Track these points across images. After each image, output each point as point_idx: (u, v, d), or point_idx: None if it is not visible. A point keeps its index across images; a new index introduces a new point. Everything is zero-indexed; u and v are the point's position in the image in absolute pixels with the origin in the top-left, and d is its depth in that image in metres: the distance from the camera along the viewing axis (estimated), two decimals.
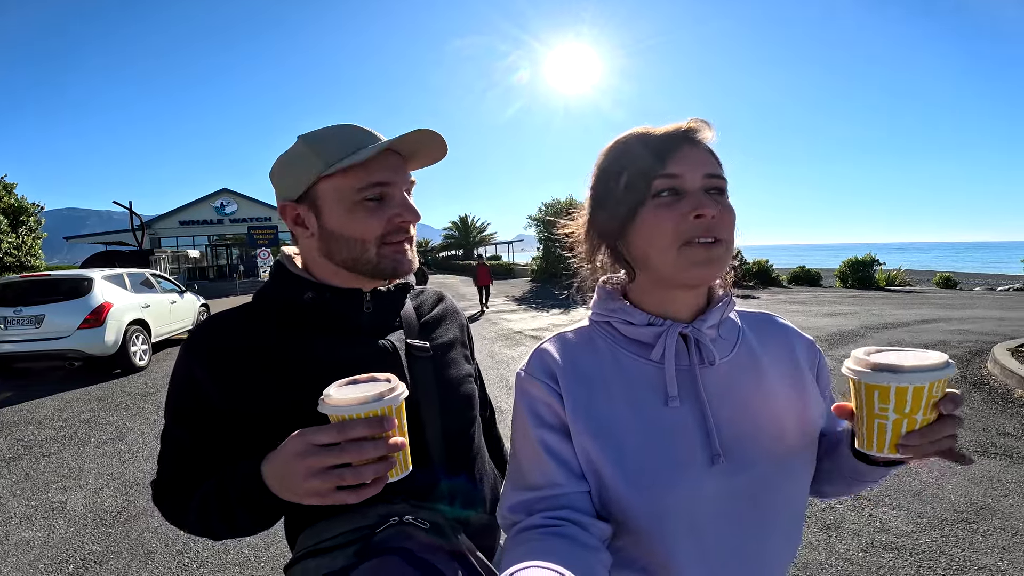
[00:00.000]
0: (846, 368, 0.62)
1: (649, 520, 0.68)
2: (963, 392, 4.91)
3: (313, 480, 0.63)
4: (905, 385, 0.56)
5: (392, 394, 0.63)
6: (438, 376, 0.92)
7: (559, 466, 0.71)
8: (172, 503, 0.83)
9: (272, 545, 2.88)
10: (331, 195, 0.81)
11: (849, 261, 19.30)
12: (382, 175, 0.81)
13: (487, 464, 1.00)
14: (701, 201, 0.68)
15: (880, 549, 2.64)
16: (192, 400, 0.81)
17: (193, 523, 0.80)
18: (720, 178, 0.71)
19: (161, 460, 0.85)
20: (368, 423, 0.61)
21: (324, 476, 0.62)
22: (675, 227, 0.68)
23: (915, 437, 0.58)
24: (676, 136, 0.71)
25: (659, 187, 0.70)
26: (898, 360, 0.58)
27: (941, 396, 0.59)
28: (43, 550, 2.95)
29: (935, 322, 9.27)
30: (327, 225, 0.83)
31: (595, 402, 0.73)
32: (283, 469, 0.66)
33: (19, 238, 18.78)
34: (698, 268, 0.68)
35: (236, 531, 0.78)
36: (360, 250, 0.82)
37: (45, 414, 5.57)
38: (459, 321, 1.05)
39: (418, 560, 0.66)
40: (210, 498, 0.77)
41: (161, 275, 9.52)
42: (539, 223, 22.56)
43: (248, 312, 0.86)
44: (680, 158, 0.70)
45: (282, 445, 0.67)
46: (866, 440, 0.61)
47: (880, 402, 0.58)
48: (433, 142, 0.84)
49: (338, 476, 0.62)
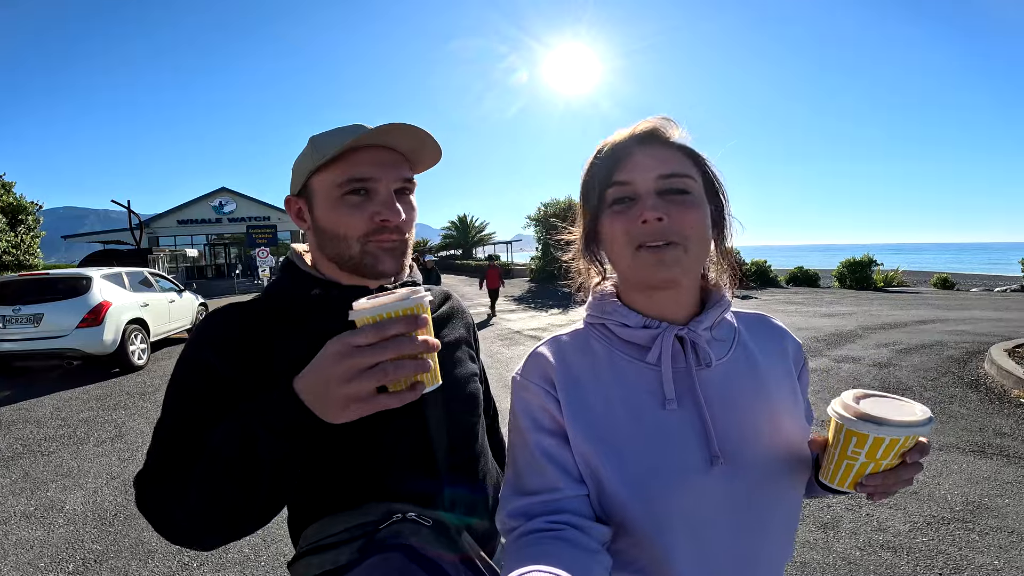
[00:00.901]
0: (832, 410, 0.67)
1: (648, 523, 0.68)
2: (960, 393, 4.95)
3: (354, 383, 0.61)
4: (883, 436, 0.61)
5: (417, 295, 0.64)
6: (443, 374, 0.92)
7: (557, 471, 0.71)
8: (166, 486, 0.71)
9: (272, 544, 2.89)
10: (319, 189, 0.83)
11: (847, 262, 19.34)
12: (364, 170, 0.80)
13: (490, 463, 1.01)
14: (644, 206, 0.69)
15: (877, 548, 2.65)
16: (203, 380, 0.77)
17: (193, 505, 0.68)
18: (680, 177, 0.70)
19: (154, 446, 0.76)
20: (404, 320, 0.61)
21: (365, 376, 0.60)
22: (626, 233, 0.70)
23: (876, 479, 0.64)
24: (628, 142, 0.73)
25: (612, 196, 0.72)
26: (883, 413, 0.62)
27: (912, 447, 0.63)
28: (43, 549, 2.95)
29: (932, 323, 9.30)
30: (317, 219, 0.84)
31: (592, 406, 0.73)
32: (321, 375, 0.63)
33: (17, 237, 18.73)
34: (652, 270, 0.69)
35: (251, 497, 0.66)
36: (344, 246, 0.82)
37: (44, 413, 5.56)
38: (465, 321, 1.05)
39: (421, 557, 0.66)
40: (223, 448, 0.66)
41: (160, 274, 9.50)
42: (538, 223, 22.54)
43: (257, 307, 0.86)
44: (631, 164, 0.71)
45: (318, 355, 0.64)
46: (831, 474, 0.67)
47: (856, 446, 0.63)
48: (426, 138, 0.82)
49: (380, 372, 0.60)
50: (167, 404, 0.79)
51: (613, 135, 0.76)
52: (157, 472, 0.73)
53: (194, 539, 0.70)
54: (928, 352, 6.79)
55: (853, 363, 6.39)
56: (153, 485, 0.73)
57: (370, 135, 0.78)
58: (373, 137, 0.79)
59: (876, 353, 6.87)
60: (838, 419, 0.65)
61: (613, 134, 0.76)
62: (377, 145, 0.82)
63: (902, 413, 0.62)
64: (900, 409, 0.63)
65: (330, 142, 0.81)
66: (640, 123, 0.73)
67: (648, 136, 0.72)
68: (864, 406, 0.63)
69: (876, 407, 0.63)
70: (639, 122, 0.74)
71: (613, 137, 0.75)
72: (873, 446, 0.61)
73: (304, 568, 0.73)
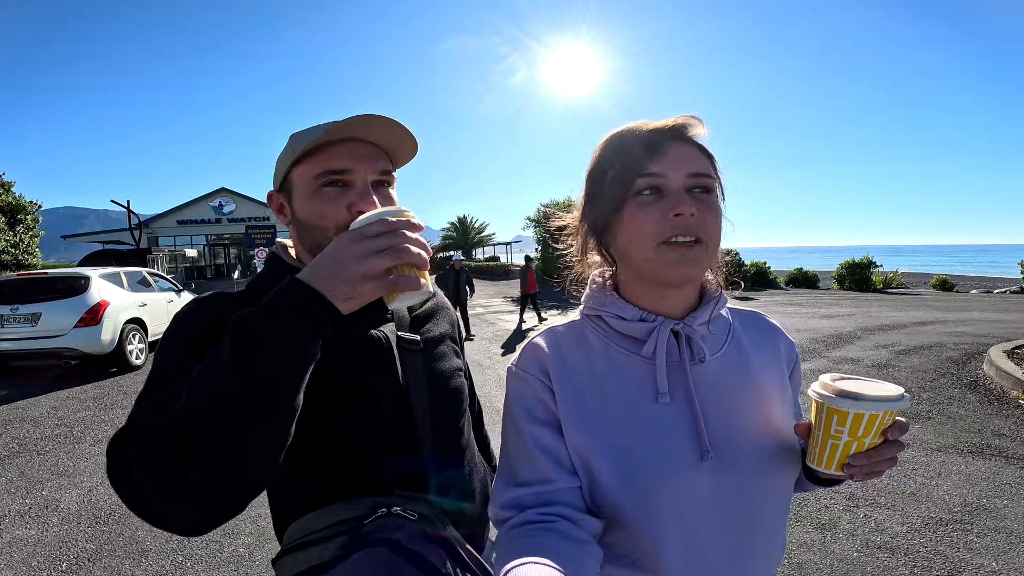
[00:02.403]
0: (812, 390, 0.68)
1: (639, 515, 0.68)
2: (959, 394, 4.94)
3: (368, 260, 0.64)
4: (862, 411, 0.63)
5: (398, 209, 0.70)
6: (428, 369, 0.91)
7: (551, 462, 0.72)
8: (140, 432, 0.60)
9: (268, 543, 2.88)
10: (298, 182, 0.84)
11: (846, 263, 19.38)
12: (340, 162, 0.81)
13: (476, 457, 1.00)
14: (680, 200, 0.68)
15: (875, 549, 2.64)
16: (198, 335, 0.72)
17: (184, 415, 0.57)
18: (707, 176, 0.71)
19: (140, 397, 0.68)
20: (408, 222, 0.67)
21: (379, 255, 0.64)
22: (654, 226, 0.69)
23: (861, 458, 0.65)
24: (663, 133, 0.72)
25: (641, 185, 0.70)
26: (859, 389, 0.65)
27: (891, 424, 0.65)
28: (37, 548, 2.94)
29: (932, 324, 9.30)
30: (296, 212, 0.85)
31: (586, 397, 0.73)
32: (337, 256, 0.65)
33: (16, 236, 18.74)
34: (674, 267, 0.69)
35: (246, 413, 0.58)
36: (322, 237, 0.81)
37: (41, 412, 5.55)
38: (449, 317, 1.05)
39: (407, 551, 0.66)
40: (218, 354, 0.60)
41: (158, 274, 9.50)
42: (537, 224, 22.55)
43: (241, 299, 0.85)
44: (665, 156, 0.70)
45: (330, 244, 0.68)
46: (817, 457, 0.68)
47: (837, 424, 0.65)
48: (400, 131, 0.82)
49: (394, 251, 0.65)
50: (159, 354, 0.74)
51: (636, 123, 0.74)
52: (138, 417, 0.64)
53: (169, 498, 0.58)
54: (927, 353, 6.78)
55: (852, 364, 6.38)
56: (125, 439, 0.61)
57: (341, 126, 0.78)
58: (345, 129, 0.79)
59: (875, 354, 6.86)
60: (818, 398, 0.67)
61: (634, 123, 0.74)
62: (354, 138, 0.82)
63: (878, 389, 0.65)
64: (875, 387, 0.66)
65: (307, 136, 0.81)
66: (675, 117, 0.72)
67: (683, 131, 0.72)
68: (841, 385, 0.66)
69: (853, 385, 0.66)
70: (674, 116, 0.73)
71: (640, 126, 0.73)
72: (854, 423, 0.64)
73: (290, 564, 0.72)
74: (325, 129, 0.78)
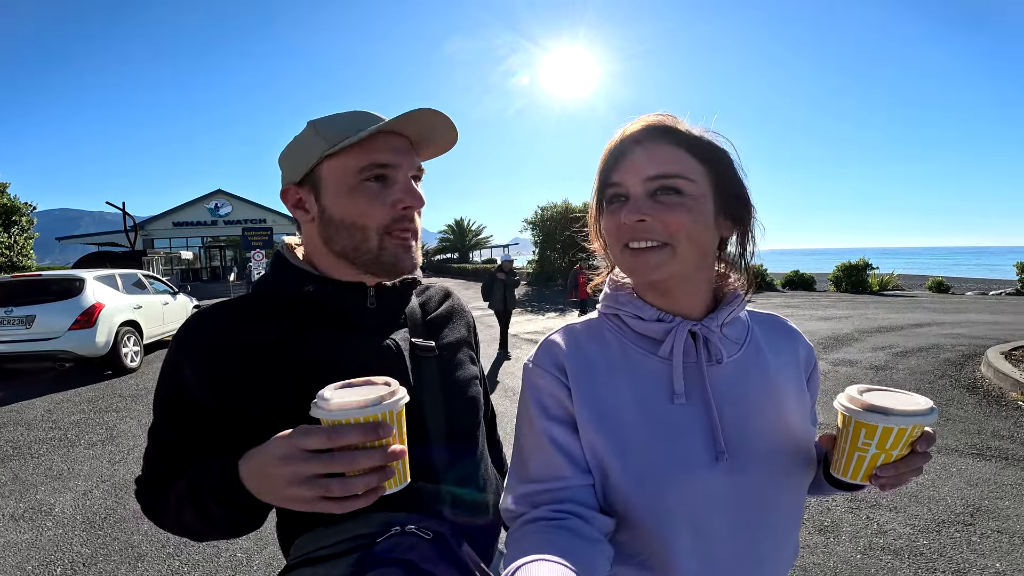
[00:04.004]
0: (839, 403, 0.68)
1: (651, 515, 0.68)
2: (958, 395, 4.94)
3: (296, 488, 0.58)
4: (891, 426, 0.62)
5: (392, 398, 0.60)
6: (443, 378, 0.88)
7: (564, 459, 0.71)
8: (152, 500, 0.78)
9: (265, 548, 2.84)
10: (332, 176, 0.78)
11: (843, 265, 19.45)
12: (384, 156, 0.77)
13: (490, 469, 0.97)
14: (632, 207, 0.69)
15: (878, 551, 2.63)
16: (180, 400, 0.77)
17: (172, 522, 0.76)
18: (670, 177, 0.68)
19: (147, 456, 0.81)
20: (362, 429, 0.56)
21: (309, 485, 0.58)
22: (616, 233, 0.72)
23: (889, 469, 0.64)
24: (627, 139, 0.73)
25: (609, 195, 0.74)
26: (887, 403, 0.64)
27: (919, 436, 0.65)
28: (31, 552, 2.90)
29: (928, 326, 9.32)
30: (327, 208, 0.79)
31: (602, 396, 0.73)
32: (264, 471, 0.61)
33: (11, 238, 18.63)
34: (633, 272, 0.73)
35: (218, 529, 0.73)
36: (360, 238, 0.78)
37: (35, 415, 5.49)
38: (466, 320, 1.01)
39: (421, 572, 0.62)
40: (184, 493, 0.72)
41: (154, 276, 9.45)
42: (535, 226, 22.55)
43: (244, 305, 0.82)
44: (624, 164, 0.72)
45: (264, 445, 0.62)
46: (843, 468, 0.67)
47: (865, 438, 0.64)
48: (442, 125, 0.80)
49: (324, 487, 0.57)
50: (155, 413, 0.81)
51: (619, 129, 0.75)
52: (147, 482, 0.80)
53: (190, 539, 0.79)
54: (925, 355, 6.80)
55: (850, 366, 6.39)
56: (145, 492, 0.80)
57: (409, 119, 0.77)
58: (407, 122, 0.77)
59: (873, 356, 6.87)
60: (845, 412, 0.66)
61: (619, 128, 0.76)
62: (392, 131, 0.79)
63: (907, 403, 0.64)
64: (904, 400, 0.65)
65: (343, 127, 0.77)
66: (636, 121, 0.73)
67: (645, 134, 0.71)
68: (869, 398, 0.65)
69: (881, 399, 0.65)
70: (644, 118, 0.73)
71: (619, 133, 0.75)
72: (883, 436, 0.63)
73: None
74: (362, 122, 0.76)
